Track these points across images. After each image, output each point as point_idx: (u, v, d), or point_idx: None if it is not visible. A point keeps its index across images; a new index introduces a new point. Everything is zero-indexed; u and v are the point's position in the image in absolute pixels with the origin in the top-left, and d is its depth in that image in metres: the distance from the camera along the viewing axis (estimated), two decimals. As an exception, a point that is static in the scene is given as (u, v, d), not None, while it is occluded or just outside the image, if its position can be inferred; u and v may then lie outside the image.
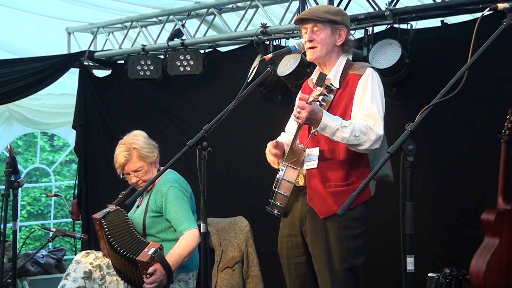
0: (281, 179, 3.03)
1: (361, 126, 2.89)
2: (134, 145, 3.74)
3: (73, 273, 3.63)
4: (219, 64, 5.63)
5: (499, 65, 3.92)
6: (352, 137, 2.86)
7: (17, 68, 5.96)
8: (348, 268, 2.98)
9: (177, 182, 3.73)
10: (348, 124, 2.88)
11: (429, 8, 4.24)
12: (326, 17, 3.03)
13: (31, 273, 6.07)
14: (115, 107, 6.45)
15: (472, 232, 3.83)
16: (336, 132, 2.86)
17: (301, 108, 2.81)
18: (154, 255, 3.45)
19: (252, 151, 3.37)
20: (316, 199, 3.01)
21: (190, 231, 3.58)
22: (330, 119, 2.86)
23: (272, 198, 3.05)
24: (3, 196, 4.03)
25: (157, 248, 3.48)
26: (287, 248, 3.15)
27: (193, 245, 3.56)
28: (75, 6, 5.81)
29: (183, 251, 3.54)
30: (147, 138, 3.83)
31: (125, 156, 3.73)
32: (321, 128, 2.85)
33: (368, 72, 3.05)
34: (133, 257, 3.46)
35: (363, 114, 2.96)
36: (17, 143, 10.05)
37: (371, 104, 2.97)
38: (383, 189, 3.25)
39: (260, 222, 4.49)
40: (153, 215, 3.70)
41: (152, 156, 3.77)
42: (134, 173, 3.75)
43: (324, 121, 2.84)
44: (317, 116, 2.83)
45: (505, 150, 3.63)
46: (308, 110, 2.80)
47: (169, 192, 3.66)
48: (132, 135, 3.81)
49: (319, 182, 3.01)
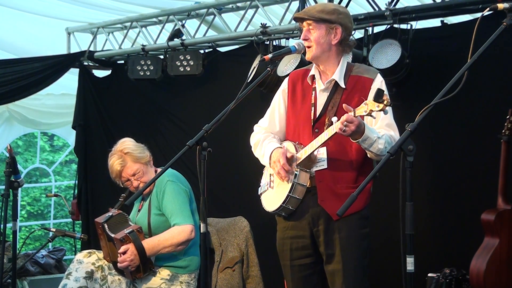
0: (296, 183, 3.00)
1: (388, 138, 2.91)
2: (125, 150, 3.78)
3: (75, 272, 3.63)
4: (219, 64, 5.63)
5: (499, 65, 3.92)
6: (384, 148, 2.88)
7: (17, 68, 5.97)
8: (360, 267, 3.01)
9: (175, 177, 3.76)
10: (381, 135, 2.89)
11: (429, 8, 4.24)
12: (320, 16, 3.02)
13: (31, 273, 6.07)
14: (115, 107, 6.45)
15: (472, 232, 3.83)
16: (374, 143, 2.86)
17: (349, 122, 2.75)
18: (129, 235, 3.52)
19: (252, 151, 3.36)
20: (328, 201, 3.00)
21: (182, 226, 3.59)
22: (370, 131, 2.86)
23: (285, 202, 3.02)
24: (3, 196, 4.03)
25: (135, 230, 3.54)
26: (291, 249, 3.12)
27: (178, 239, 3.57)
28: (75, 6, 5.81)
29: (164, 240, 3.58)
30: (135, 142, 3.88)
31: (120, 163, 3.76)
32: (362, 140, 2.83)
33: (380, 78, 3.07)
34: (111, 235, 3.55)
35: (384, 123, 2.98)
36: (17, 143, 10.05)
37: (389, 113, 2.99)
38: (383, 189, 3.25)
39: (260, 222, 4.49)
40: (157, 212, 3.72)
41: (145, 157, 3.82)
42: (133, 177, 3.77)
43: (366, 133, 2.82)
44: (361, 128, 2.81)
45: (505, 150, 3.63)
46: (356, 124, 2.76)
47: (167, 186, 3.69)
48: (119, 143, 3.86)
49: (330, 183, 3.00)
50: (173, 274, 3.68)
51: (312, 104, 3.09)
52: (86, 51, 6.36)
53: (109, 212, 3.75)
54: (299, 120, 3.14)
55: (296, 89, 3.20)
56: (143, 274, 3.61)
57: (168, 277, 3.67)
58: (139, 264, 3.55)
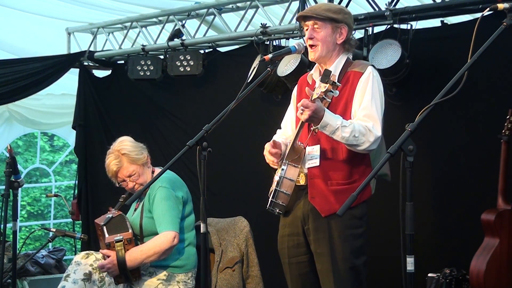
0: (282, 177, 3.00)
1: (360, 127, 2.89)
2: (122, 151, 3.75)
3: (73, 274, 3.62)
4: (219, 64, 5.63)
5: (499, 65, 3.92)
6: (351, 137, 2.87)
7: (17, 68, 5.97)
8: (351, 267, 2.99)
9: (168, 182, 3.70)
10: (348, 124, 2.88)
11: (429, 8, 4.24)
12: (327, 15, 3.03)
13: (31, 273, 6.07)
14: (115, 107, 6.45)
15: (472, 232, 3.83)
16: (336, 131, 2.86)
17: (305, 107, 2.81)
18: (115, 243, 3.52)
19: (252, 151, 3.37)
20: (318, 197, 3.01)
21: (165, 233, 3.57)
22: (332, 118, 2.86)
23: (274, 197, 3.04)
24: (3, 196, 4.02)
25: (124, 239, 3.53)
26: (288, 247, 3.14)
27: (161, 247, 3.55)
28: (75, 6, 5.81)
29: (147, 250, 3.56)
30: (133, 142, 3.84)
31: (116, 164, 3.74)
32: (321, 126, 2.85)
33: (369, 70, 3.04)
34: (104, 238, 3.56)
35: (362, 114, 2.96)
36: (17, 143, 10.05)
37: (371, 104, 2.97)
38: (383, 189, 3.25)
39: (260, 222, 4.49)
40: (148, 215, 3.70)
41: (142, 158, 3.78)
42: (128, 178, 3.75)
43: (325, 119, 2.84)
44: (319, 114, 2.83)
45: (505, 150, 3.63)
46: (311, 109, 2.80)
47: (158, 192, 3.66)
48: (118, 142, 3.82)
49: (321, 180, 3.00)
50: (170, 274, 3.67)
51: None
52: (86, 51, 6.36)
53: (109, 213, 3.73)
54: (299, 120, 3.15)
55: (302, 92, 3.21)
56: (125, 281, 3.61)
57: (165, 277, 3.66)
58: (118, 273, 3.55)
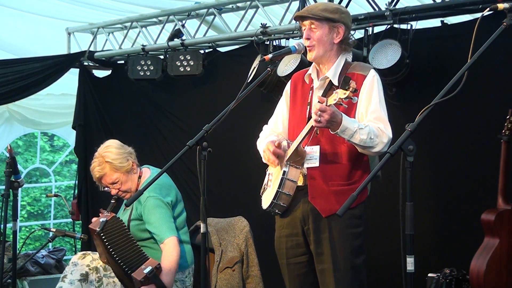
0: (285, 179, 3.00)
1: (374, 129, 2.89)
2: (106, 159, 3.70)
3: (70, 275, 3.61)
4: (219, 64, 5.63)
5: (499, 65, 3.92)
6: (368, 139, 2.86)
7: (17, 68, 5.97)
8: (352, 267, 2.99)
9: (155, 190, 3.62)
10: (364, 126, 2.87)
11: (429, 8, 4.24)
12: (323, 15, 3.02)
13: (31, 273, 6.07)
14: (115, 107, 6.46)
15: (472, 232, 3.83)
16: (355, 134, 2.84)
17: (322, 111, 2.75)
18: (149, 275, 3.41)
19: (252, 151, 3.36)
20: (318, 198, 3.00)
21: (168, 240, 3.54)
22: (349, 121, 2.84)
23: (275, 199, 3.03)
24: (3, 196, 4.02)
25: (153, 267, 3.43)
26: (286, 248, 3.14)
27: (176, 255, 3.53)
28: (75, 6, 5.81)
29: (172, 266, 3.51)
30: (119, 148, 3.77)
31: (98, 171, 3.71)
32: (341, 131, 2.82)
33: (373, 74, 3.04)
34: (129, 272, 3.44)
35: (373, 117, 2.96)
36: (17, 143, 10.05)
37: (380, 107, 2.98)
38: (383, 189, 3.25)
39: (260, 222, 4.48)
40: (136, 222, 3.68)
41: (126, 166, 3.72)
42: (111, 185, 3.72)
43: (344, 123, 2.81)
44: (338, 118, 2.80)
45: (505, 150, 3.63)
46: (329, 113, 2.75)
47: (147, 202, 3.61)
48: (104, 147, 3.77)
49: (321, 181, 3.00)
50: None
51: (308, 103, 3.11)
52: (86, 51, 6.36)
53: (102, 216, 3.60)
54: (296, 119, 3.17)
55: (297, 90, 3.22)
56: None
57: None
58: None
